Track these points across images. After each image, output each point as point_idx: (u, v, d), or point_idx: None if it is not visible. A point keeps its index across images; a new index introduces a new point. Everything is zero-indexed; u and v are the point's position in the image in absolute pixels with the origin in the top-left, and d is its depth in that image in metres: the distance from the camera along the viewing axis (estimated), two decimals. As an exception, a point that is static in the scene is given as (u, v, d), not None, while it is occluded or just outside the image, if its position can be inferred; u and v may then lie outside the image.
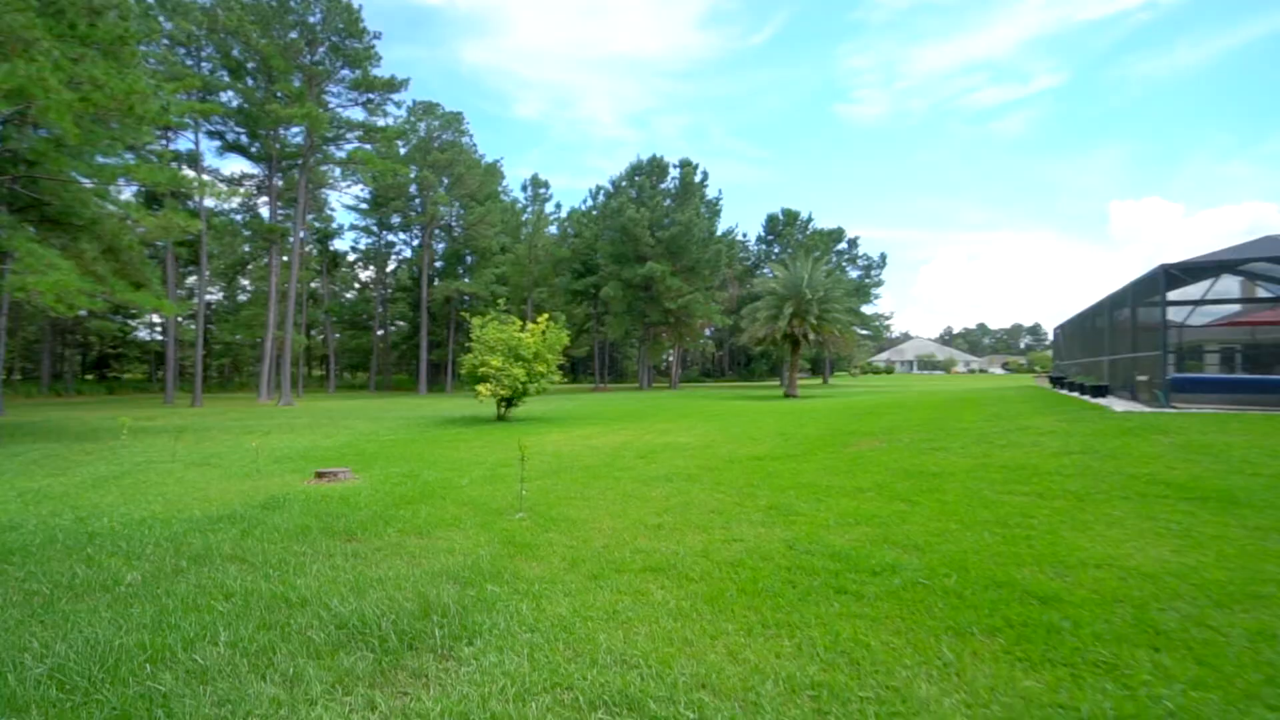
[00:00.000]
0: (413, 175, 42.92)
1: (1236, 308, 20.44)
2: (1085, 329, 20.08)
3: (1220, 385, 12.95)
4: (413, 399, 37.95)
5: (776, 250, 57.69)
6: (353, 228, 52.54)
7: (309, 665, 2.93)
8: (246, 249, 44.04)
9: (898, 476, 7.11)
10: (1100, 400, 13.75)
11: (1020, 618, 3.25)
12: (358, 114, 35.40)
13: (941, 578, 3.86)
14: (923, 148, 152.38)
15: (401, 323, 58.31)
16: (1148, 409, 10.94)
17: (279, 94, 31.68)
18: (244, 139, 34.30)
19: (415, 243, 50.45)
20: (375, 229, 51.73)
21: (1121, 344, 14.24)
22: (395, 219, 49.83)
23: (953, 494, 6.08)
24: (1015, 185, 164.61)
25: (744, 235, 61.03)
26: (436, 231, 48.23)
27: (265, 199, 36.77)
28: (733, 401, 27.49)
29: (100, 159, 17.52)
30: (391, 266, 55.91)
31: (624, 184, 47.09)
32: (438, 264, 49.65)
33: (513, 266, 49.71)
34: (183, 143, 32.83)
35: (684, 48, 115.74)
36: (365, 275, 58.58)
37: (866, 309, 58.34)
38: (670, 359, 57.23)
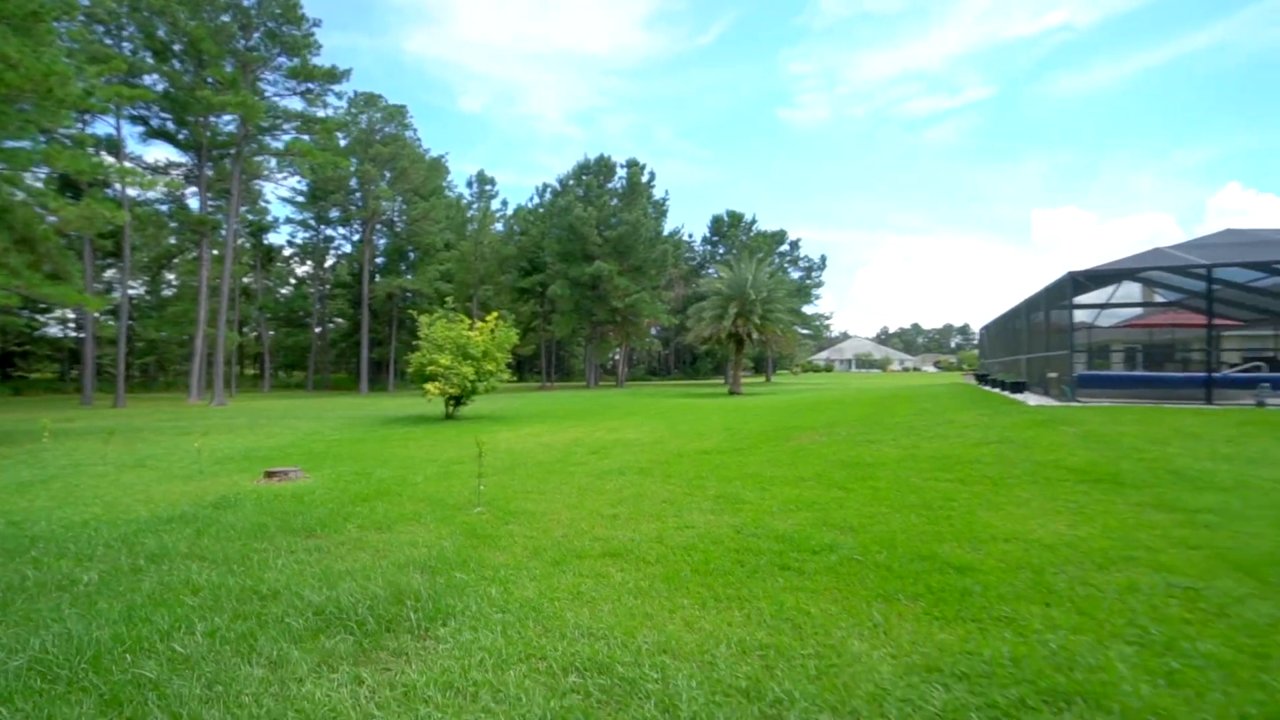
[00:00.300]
0: (353, 168, 41.70)
1: (1139, 310, 22.30)
2: (1006, 330, 21.51)
3: (1119, 381, 14.21)
4: (354, 398, 36.97)
5: (721, 251, 58.83)
6: (289, 221, 50.36)
7: (292, 649, 3.09)
8: (173, 241, 41.84)
9: (835, 467, 7.62)
10: (1018, 396, 14.85)
11: (939, 585, 3.70)
12: (296, 104, 34.24)
13: (873, 554, 4.30)
14: (861, 153, 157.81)
15: (340, 320, 56.54)
16: (1057, 403, 11.95)
17: (210, 80, 30.30)
18: (170, 125, 32.64)
19: (356, 238, 49.07)
20: (313, 223, 50.00)
21: (1036, 344, 15.41)
22: (334, 213, 48.31)
23: (884, 481, 6.61)
24: (948, 191, 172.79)
25: (690, 236, 61.97)
26: (378, 227, 47.04)
27: (194, 189, 35.03)
28: (679, 399, 28.02)
29: (9, 143, 16.44)
30: (330, 262, 54.14)
31: (571, 183, 47.11)
32: (379, 260, 48.45)
33: (458, 264, 48.96)
34: (101, 127, 31.02)
35: (631, 47, 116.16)
36: (302, 270, 56.49)
37: (807, 309, 60.16)
38: (617, 357, 57.56)
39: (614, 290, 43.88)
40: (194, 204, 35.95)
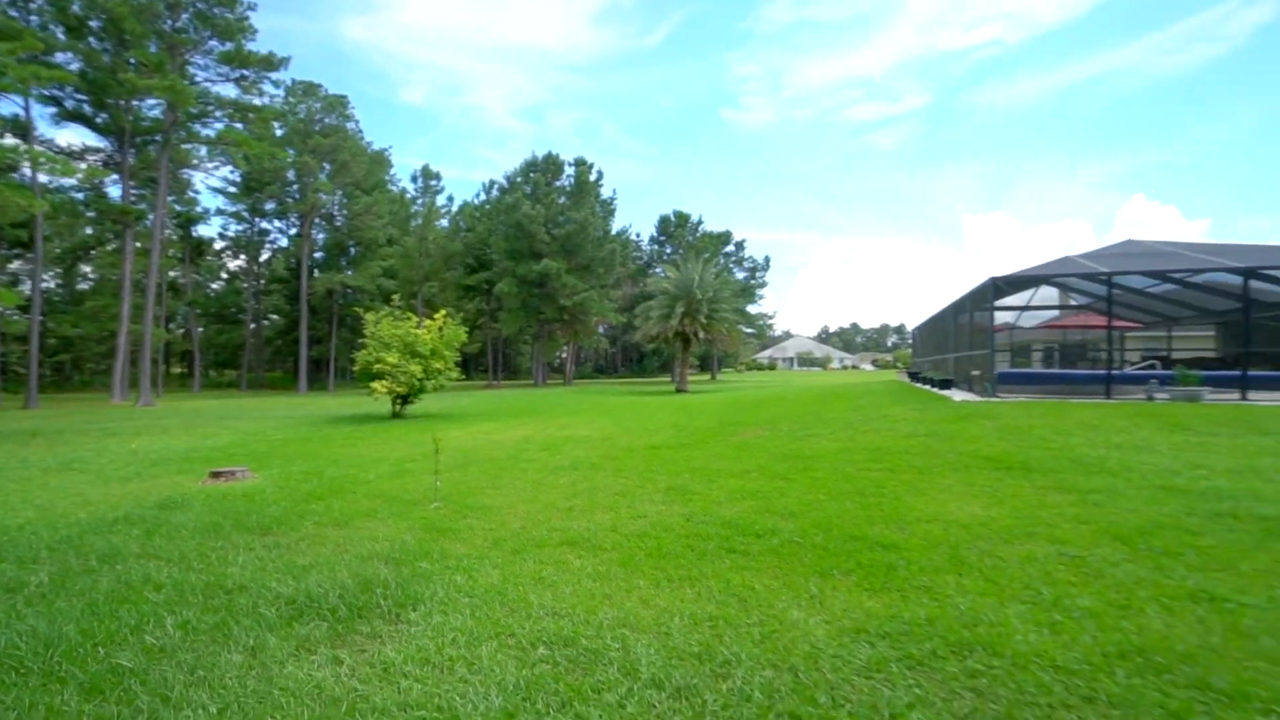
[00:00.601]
0: (291, 160, 40.22)
1: (1057, 313, 23.98)
2: (936, 330, 22.76)
3: (1033, 378, 15.36)
4: (293, 398, 35.76)
5: (669, 251, 59.53)
6: (220, 213, 48.00)
7: (268, 636, 3.23)
8: (89, 231, 39.37)
9: (778, 459, 8.08)
10: (945, 392, 15.83)
11: (869, 561, 4.12)
12: (229, 91, 32.77)
13: (811, 536, 4.71)
14: (805, 156, 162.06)
15: (277, 317, 54.35)
16: (979, 399, 12.86)
17: (132, 61, 28.70)
18: (87, 108, 30.72)
19: (293, 231, 47.31)
20: (247, 215, 47.91)
21: (962, 344, 16.45)
22: (270, 205, 46.44)
23: (822, 472, 7.09)
24: (887, 195, 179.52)
25: (637, 235, 62.46)
26: (317, 220, 45.50)
27: (115, 177, 33.07)
28: (627, 397, 28.37)
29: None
30: (265, 256, 52.01)
31: (519, 180, 46.77)
32: (318, 255, 46.88)
33: (401, 260, 47.90)
34: (4, 105, 28.93)
35: (578, 43, 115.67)
36: (235, 265, 54.01)
37: (752, 309, 61.63)
38: (564, 355, 57.48)
39: (562, 288, 43.86)
40: (115, 192, 33.96)
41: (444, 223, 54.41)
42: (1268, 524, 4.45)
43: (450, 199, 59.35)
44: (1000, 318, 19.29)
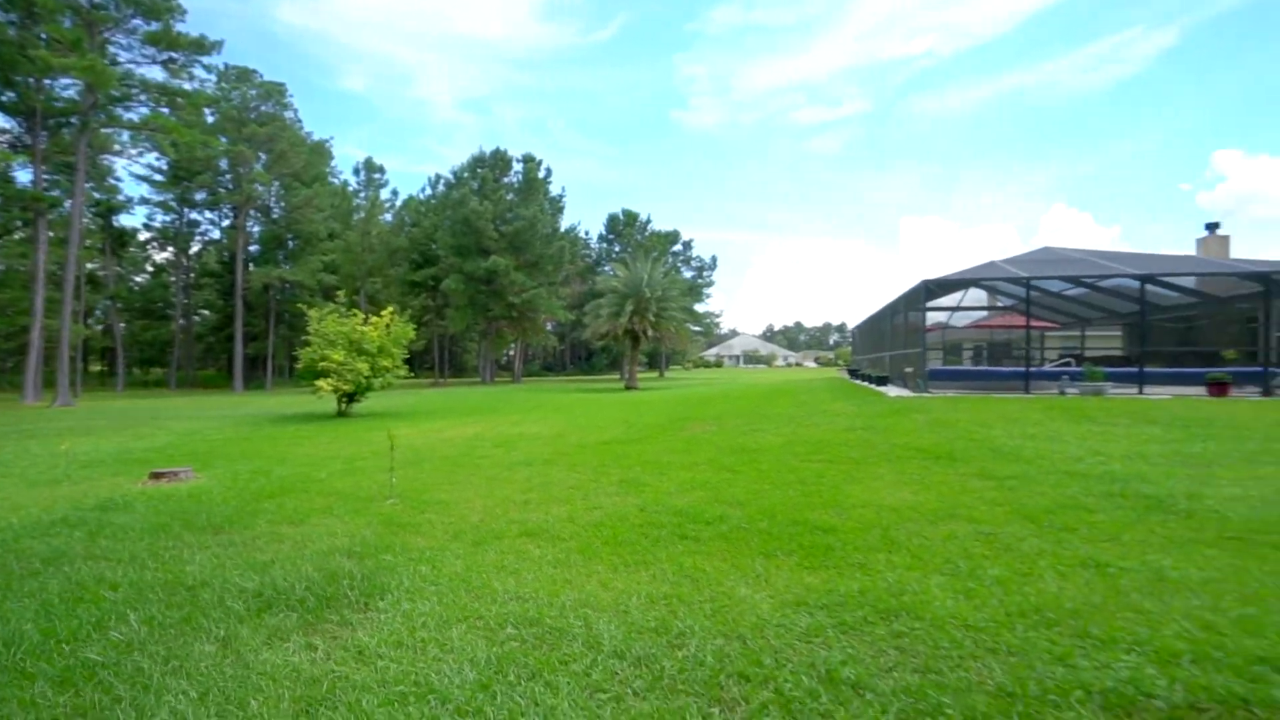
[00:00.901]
0: (224, 148, 38.47)
1: (985, 313, 25.41)
2: (874, 329, 23.79)
3: (962, 375, 16.34)
4: (228, 397, 34.31)
5: (617, 249, 59.76)
6: (145, 202, 45.24)
7: (239, 627, 3.32)
8: (-4, 220, 36.60)
9: (725, 453, 8.45)
10: (882, 388, 16.66)
11: (809, 543, 4.48)
12: (157, 74, 31.08)
13: (757, 522, 5.05)
14: (751, 157, 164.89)
15: (208, 312, 51.81)
16: (912, 394, 13.63)
17: (44, 36, 26.89)
18: (-8, 87, 28.59)
19: (227, 223, 45.27)
20: (175, 205, 45.51)
21: (897, 342, 17.32)
22: (201, 195, 44.25)
23: (767, 464, 7.49)
24: (830, 197, 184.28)
25: (586, 233, 62.45)
26: (253, 212, 43.67)
27: (24, 161, 30.87)
28: (577, 394, 28.48)
29: None
30: (196, 248, 49.47)
31: (466, 175, 46.08)
32: (253, 248, 44.98)
33: (344, 254, 46.48)
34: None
35: (526, 36, 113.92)
36: (162, 257, 51.11)
37: (699, 307, 62.48)
38: (512, 353, 56.99)
39: (510, 286, 43.51)
40: (24, 177, 31.76)
41: (388, 217, 53.09)
42: (1149, 502, 5.05)
43: (395, 193, 57.98)
44: (933, 318, 20.38)
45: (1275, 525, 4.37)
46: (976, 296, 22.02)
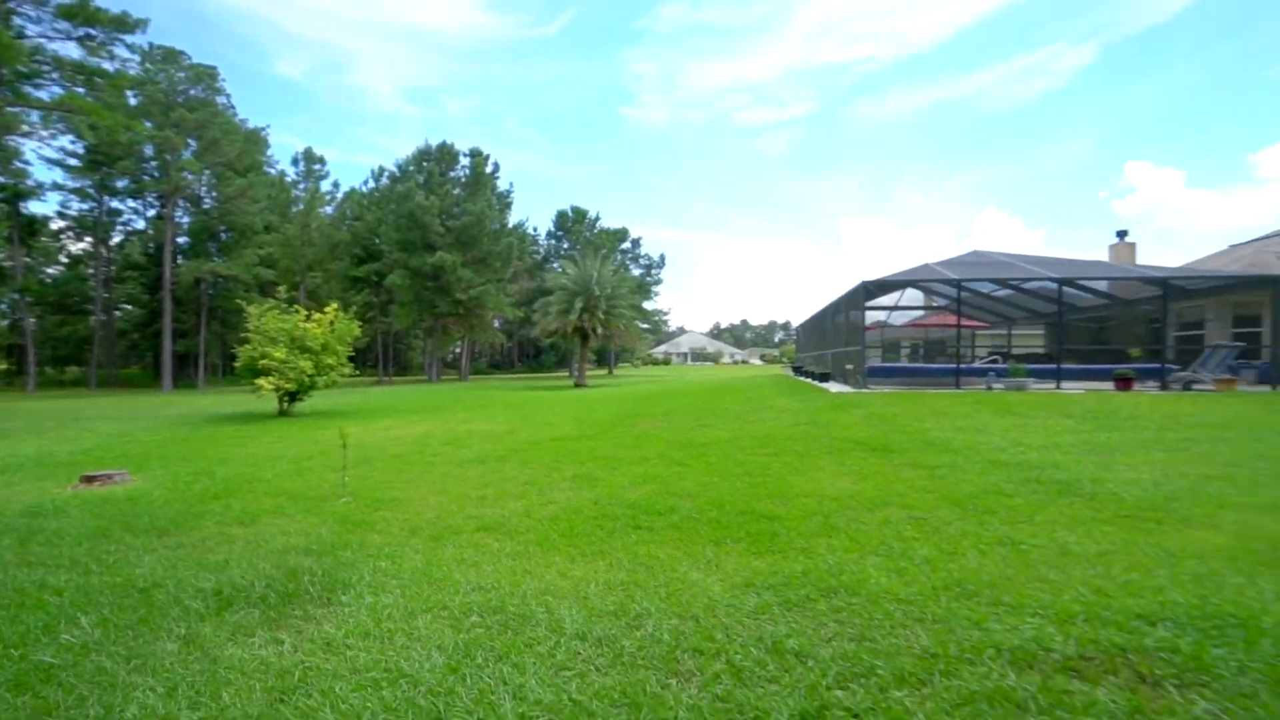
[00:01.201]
0: (148, 132, 36.38)
1: (921, 312, 26.62)
2: (817, 327, 24.62)
3: (898, 372, 17.16)
4: (157, 396, 32.59)
5: (566, 246, 59.57)
6: (58, 188, 42.20)
7: (200, 625, 3.33)
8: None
9: (675, 447, 8.72)
10: (824, 385, 17.33)
11: (756, 530, 4.76)
12: (72, 50, 29.17)
13: (707, 512, 5.31)
14: (700, 156, 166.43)
15: (131, 307, 48.86)
16: (853, 390, 14.27)
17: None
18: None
19: (152, 213, 42.80)
20: (93, 192, 42.71)
21: (839, 340, 18.04)
22: (122, 183, 41.72)
23: (716, 457, 7.79)
24: (776, 197, 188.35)
25: (535, 229, 61.98)
26: (182, 202, 41.48)
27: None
28: (526, 392, 28.37)
29: None
30: (117, 239, 46.59)
31: (411, 169, 45.05)
32: (182, 240, 42.74)
33: (282, 248, 44.73)
34: None
35: (471, 27, 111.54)
36: (78, 248, 47.82)
37: (648, 305, 62.96)
38: (459, 351, 56.08)
39: (457, 282, 42.82)
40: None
41: (329, 210, 51.35)
42: (1060, 486, 5.56)
43: (336, 185, 55.88)
44: (872, 317, 21.26)
45: (1159, 504, 4.91)
46: (913, 296, 23.06)
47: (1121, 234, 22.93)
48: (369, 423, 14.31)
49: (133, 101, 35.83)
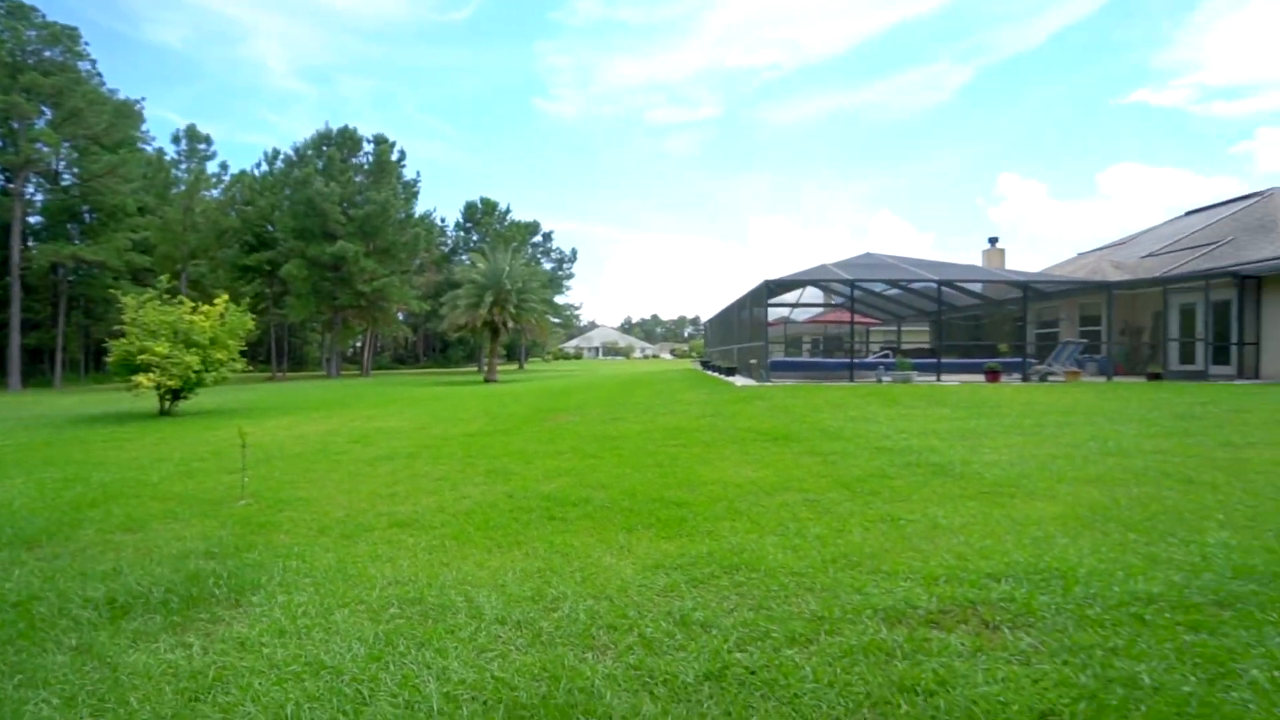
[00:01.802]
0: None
1: (820, 309, 28.14)
2: (724, 323, 25.53)
3: (798, 366, 18.18)
4: (5, 397, 29.03)
5: (475, 238, 58.21)
6: None
7: (95, 634, 3.19)
8: None
9: (588, 441, 8.91)
10: (730, 378, 18.07)
11: (666, 516, 5.04)
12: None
13: (619, 502, 5.54)
14: (611, 152, 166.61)
15: (-32, 295, 43.08)
16: (757, 384, 15.01)
17: None
18: None
19: (-5, 189, 37.86)
20: (-82, 163, 37.27)
21: (744, 335, 18.85)
22: (-43, 154, 36.65)
23: (628, 449, 8.05)
24: (685, 195, 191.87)
25: (442, 220, 60.04)
26: (35, 178, 36.99)
27: None
28: (434, 387, 27.62)
29: None
30: (-51, 217, 40.87)
31: (310, 153, 42.48)
32: (35, 219, 38.15)
33: (160, 233, 40.90)
34: None
35: (375, 5, 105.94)
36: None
37: (559, 299, 62.61)
38: (360, 345, 53.55)
39: (359, 273, 40.86)
40: None
41: (216, 193, 47.41)
42: (934, 468, 6.23)
43: (224, 166, 51.39)
44: (776, 313, 22.32)
45: (1013, 481, 5.64)
46: (813, 294, 24.38)
47: (993, 240, 25.32)
48: (266, 421, 13.55)
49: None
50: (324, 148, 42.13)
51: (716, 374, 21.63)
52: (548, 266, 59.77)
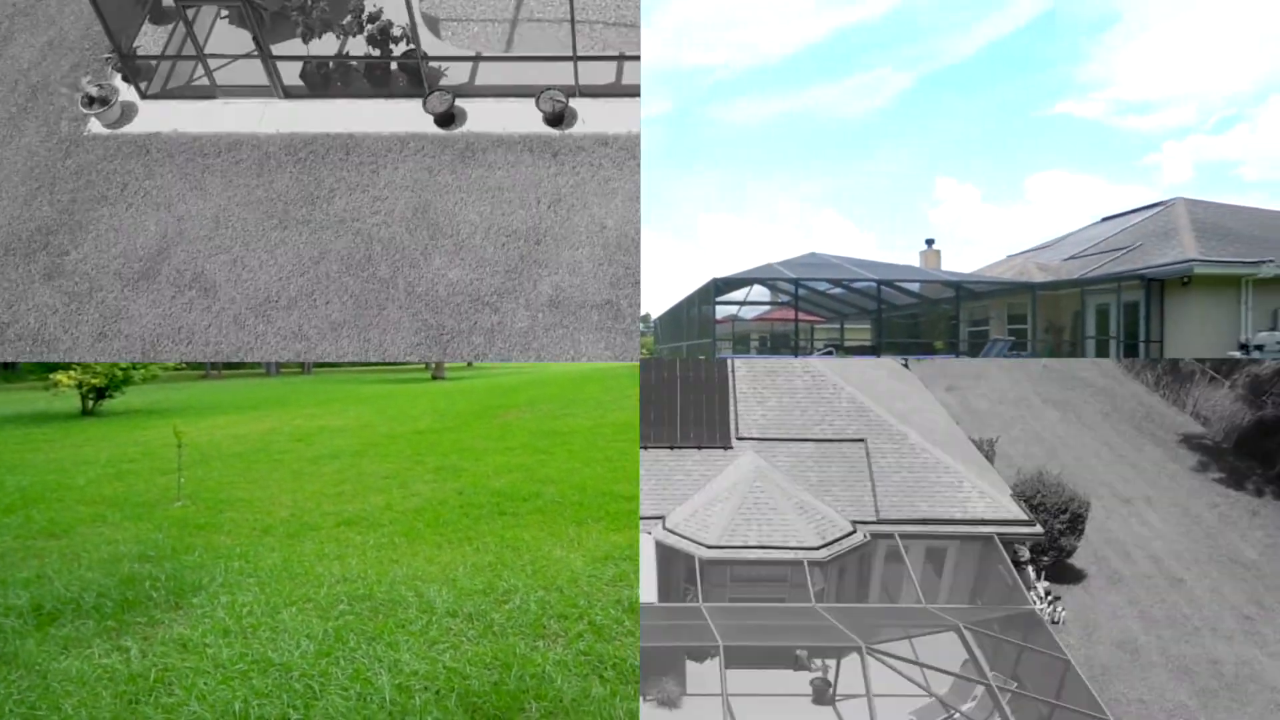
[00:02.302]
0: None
1: (768, 307, 28.69)
2: (675, 320, 25.77)
3: (747, 362, 18.53)
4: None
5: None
6: None
7: (20, 643, 3.05)
8: None
9: (538, 436, 8.95)
10: (681, 374, 18.26)
11: (615, 510, 5.16)
12: None
13: (570, 496, 5.63)
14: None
15: None
16: (707, 380, 15.25)
17: None
18: None
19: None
20: None
21: (693, 333, 19.08)
22: None
23: (578, 445, 8.13)
24: (645, 192, 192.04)
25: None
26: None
27: None
28: (380, 385, 26.93)
29: None
30: None
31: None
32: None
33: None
34: None
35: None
36: None
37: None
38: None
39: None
40: None
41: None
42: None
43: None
44: (725, 311, 22.64)
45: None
46: (760, 293, 24.77)
47: (929, 242, 26.27)
48: (202, 421, 12.96)
49: None
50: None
51: (666, 370, 21.82)
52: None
